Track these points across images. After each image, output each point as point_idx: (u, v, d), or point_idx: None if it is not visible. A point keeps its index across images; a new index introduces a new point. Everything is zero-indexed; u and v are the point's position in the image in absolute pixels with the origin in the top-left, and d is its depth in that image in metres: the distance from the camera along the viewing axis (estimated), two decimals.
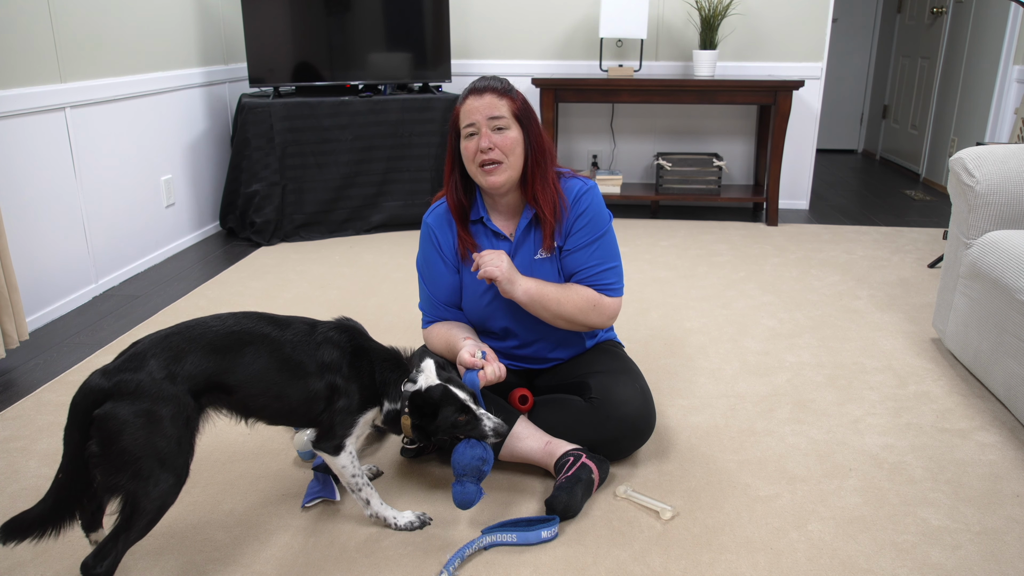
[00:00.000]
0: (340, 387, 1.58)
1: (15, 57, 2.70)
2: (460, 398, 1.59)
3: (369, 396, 1.62)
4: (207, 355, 1.47)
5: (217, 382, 1.48)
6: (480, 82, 1.81)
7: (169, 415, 1.38)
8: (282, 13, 3.93)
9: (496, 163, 1.77)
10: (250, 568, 1.56)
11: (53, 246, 2.92)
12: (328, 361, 1.57)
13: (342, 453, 1.61)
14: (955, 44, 5.24)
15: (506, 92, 1.80)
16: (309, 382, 1.56)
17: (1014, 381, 2.08)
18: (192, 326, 1.51)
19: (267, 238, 3.89)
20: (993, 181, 2.31)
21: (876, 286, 3.25)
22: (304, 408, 1.58)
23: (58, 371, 2.46)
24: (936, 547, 1.62)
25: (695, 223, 4.32)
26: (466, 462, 1.60)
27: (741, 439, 2.05)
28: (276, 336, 1.55)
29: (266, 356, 1.52)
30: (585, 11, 4.47)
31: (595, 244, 1.87)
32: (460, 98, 1.82)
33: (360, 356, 1.62)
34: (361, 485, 1.65)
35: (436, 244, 1.91)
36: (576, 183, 1.89)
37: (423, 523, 1.69)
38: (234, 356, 1.49)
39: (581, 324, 1.90)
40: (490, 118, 1.76)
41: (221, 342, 1.49)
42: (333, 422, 1.59)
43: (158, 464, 1.37)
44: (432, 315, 1.97)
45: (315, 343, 1.58)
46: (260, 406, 1.55)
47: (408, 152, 4.06)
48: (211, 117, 4.08)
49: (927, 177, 5.56)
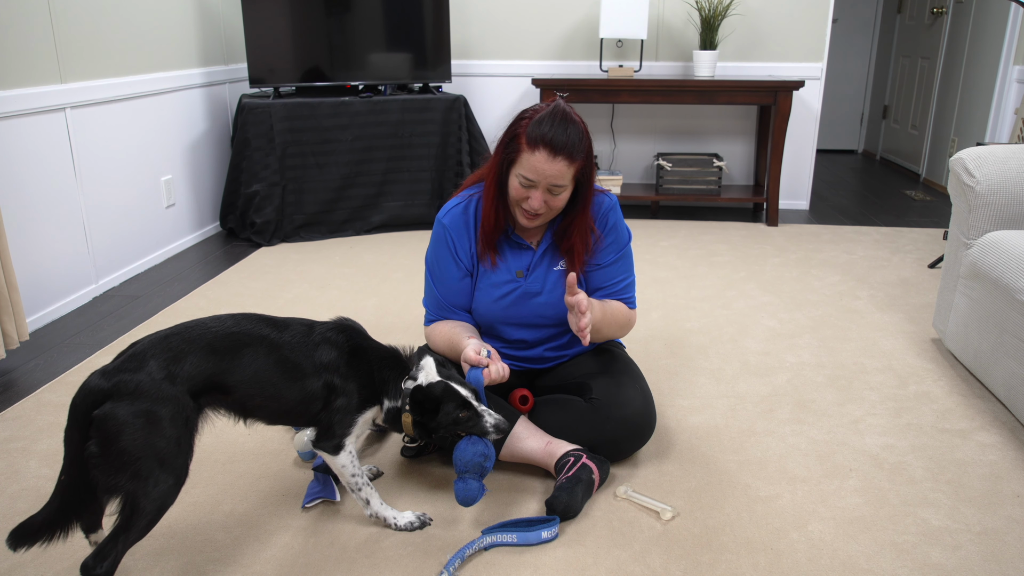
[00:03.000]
0: (338, 386, 1.58)
1: (15, 57, 2.70)
2: (462, 394, 1.59)
3: (368, 395, 1.62)
4: (206, 356, 1.47)
5: (216, 383, 1.48)
6: (559, 136, 1.66)
7: (168, 415, 1.39)
8: (282, 13, 3.93)
9: (539, 215, 1.77)
10: (250, 568, 1.56)
11: (53, 246, 2.92)
12: (325, 361, 1.58)
13: (342, 452, 1.61)
14: (955, 44, 5.24)
15: (576, 157, 1.69)
16: (306, 382, 1.56)
17: (1014, 381, 2.08)
18: (191, 327, 1.52)
19: (267, 238, 3.89)
20: (993, 181, 2.31)
21: (876, 286, 3.25)
22: (301, 408, 1.58)
23: (58, 371, 2.46)
24: (936, 547, 1.62)
25: (695, 223, 4.32)
26: (468, 458, 1.60)
27: (741, 439, 2.05)
28: (274, 337, 1.56)
29: (264, 357, 1.53)
30: (585, 11, 4.47)
31: (620, 260, 1.91)
32: (532, 137, 1.67)
33: (358, 355, 1.62)
34: (361, 485, 1.65)
35: (451, 247, 1.87)
36: (602, 199, 1.88)
37: (423, 523, 1.69)
38: (232, 357, 1.50)
39: (612, 338, 1.95)
40: (551, 185, 1.70)
41: (220, 343, 1.50)
42: (332, 421, 1.59)
43: (157, 464, 1.37)
44: (436, 314, 1.96)
45: (313, 344, 1.58)
46: (257, 406, 1.55)
47: (408, 152, 4.06)
48: (211, 117, 4.08)
49: (927, 177, 5.56)
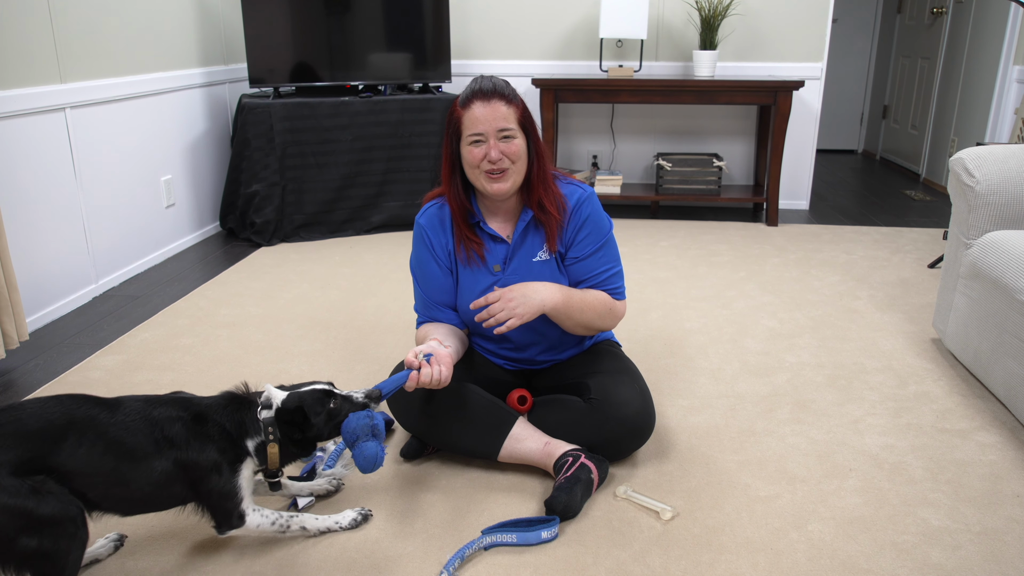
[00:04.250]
0: (198, 462, 1.48)
1: (15, 57, 2.70)
2: (318, 390, 1.57)
3: (233, 456, 1.53)
4: (26, 442, 1.35)
5: (47, 466, 1.36)
6: (485, 84, 1.76)
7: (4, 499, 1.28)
8: (282, 13, 3.93)
9: (503, 171, 1.77)
10: (250, 568, 1.56)
11: (53, 246, 2.92)
12: (170, 436, 1.47)
13: (247, 519, 1.54)
14: (955, 44, 5.24)
15: (512, 99, 1.77)
16: (152, 463, 1.44)
17: (1014, 381, 2.08)
18: (3, 411, 1.39)
19: (267, 238, 3.89)
20: (993, 181, 2.31)
21: (876, 286, 3.25)
22: (160, 492, 1.47)
23: (58, 372, 2.46)
24: (936, 547, 1.62)
25: (695, 223, 4.32)
26: (353, 426, 1.52)
27: (741, 439, 2.05)
28: (103, 419, 1.43)
29: (91, 440, 1.40)
30: (585, 11, 4.47)
31: (600, 251, 1.89)
32: (462, 100, 1.77)
33: (202, 420, 1.51)
34: (286, 524, 1.61)
35: (429, 245, 1.90)
36: (575, 190, 1.88)
37: (364, 517, 1.69)
38: (53, 443, 1.37)
39: (596, 328, 1.91)
40: (499, 130, 1.74)
41: (42, 428, 1.37)
42: (215, 504, 1.51)
43: (28, 536, 1.29)
44: (425, 316, 1.97)
45: (151, 421, 1.47)
46: (103, 495, 1.43)
47: (408, 152, 4.06)
48: (211, 117, 4.09)
49: (927, 177, 5.56)
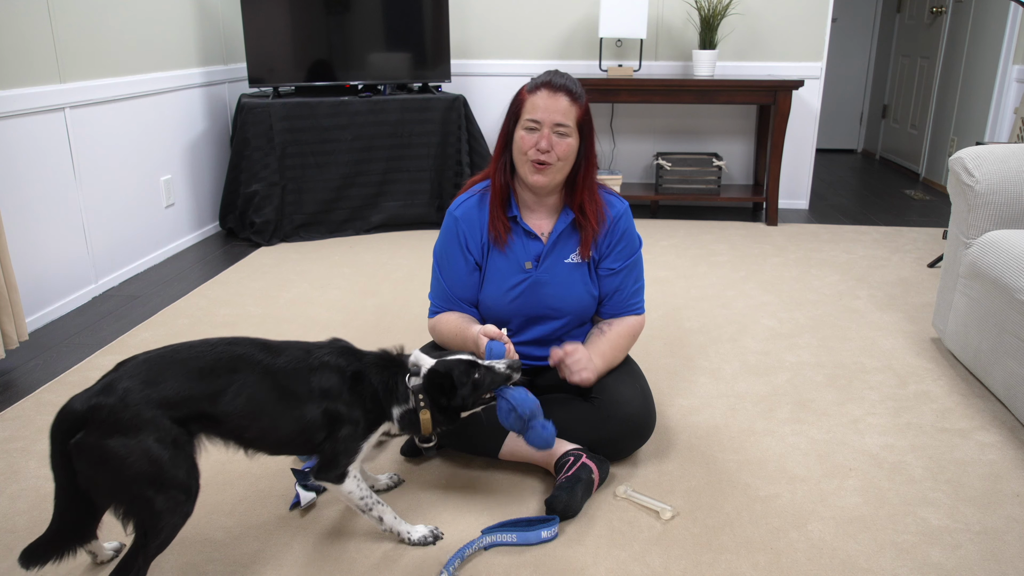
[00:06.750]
0: (343, 415, 1.50)
1: (15, 57, 2.70)
2: (464, 360, 1.56)
3: (374, 418, 1.56)
4: (189, 380, 1.39)
5: (200, 410, 1.39)
6: (557, 78, 1.79)
7: (150, 440, 1.32)
8: (282, 13, 3.93)
9: (548, 165, 1.78)
10: (250, 568, 1.56)
11: (53, 246, 2.92)
12: (326, 387, 1.49)
13: (347, 480, 1.54)
14: (955, 44, 5.24)
15: (578, 98, 1.78)
16: (304, 410, 1.47)
17: (1014, 381, 2.08)
18: (177, 349, 1.44)
19: (267, 238, 3.89)
20: (993, 181, 2.32)
21: (876, 286, 3.25)
22: (302, 438, 1.50)
23: (58, 371, 2.46)
24: (936, 547, 1.62)
25: (695, 223, 4.32)
26: (531, 406, 1.55)
27: (741, 439, 2.05)
28: (268, 363, 1.46)
29: (255, 383, 1.44)
30: (585, 11, 4.47)
31: (631, 266, 1.93)
32: (531, 85, 1.80)
33: (360, 379, 1.54)
34: (371, 505, 1.59)
35: (462, 239, 1.89)
36: (615, 201, 1.92)
37: (436, 537, 1.64)
38: (221, 383, 1.41)
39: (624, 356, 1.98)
40: (556, 123, 1.75)
41: (207, 367, 1.41)
42: (336, 451, 1.51)
43: (151, 487, 1.32)
44: (441, 306, 1.96)
45: (310, 368, 1.49)
46: (253, 437, 1.47)
47: (408, 152, 4.06)
48: (211, 117, 4.08)
49: (927, 177, 5.56)
